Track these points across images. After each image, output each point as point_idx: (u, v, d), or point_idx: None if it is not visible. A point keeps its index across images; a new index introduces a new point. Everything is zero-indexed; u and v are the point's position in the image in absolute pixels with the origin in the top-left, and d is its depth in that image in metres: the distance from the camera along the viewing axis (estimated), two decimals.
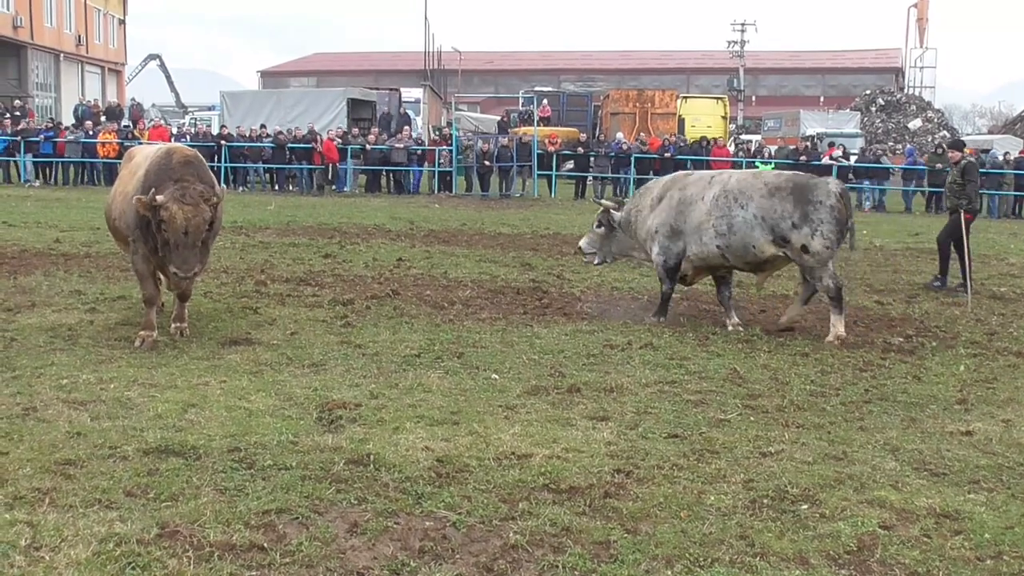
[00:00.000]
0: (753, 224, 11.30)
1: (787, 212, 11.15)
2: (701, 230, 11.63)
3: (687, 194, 11.84)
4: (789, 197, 11.18)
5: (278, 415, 7.67)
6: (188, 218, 9.50)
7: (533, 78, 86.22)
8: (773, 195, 11.26)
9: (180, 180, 9.69)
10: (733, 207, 11.41)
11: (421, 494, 6.13)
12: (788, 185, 11.32)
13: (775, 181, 11.46)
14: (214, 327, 10.94)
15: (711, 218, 11.54)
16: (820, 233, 11.08)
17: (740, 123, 71.33)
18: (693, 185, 11.96)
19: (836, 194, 11.23)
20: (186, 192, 9.55)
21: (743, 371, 9.56)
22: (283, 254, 17.05)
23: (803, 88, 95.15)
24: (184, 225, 9.49)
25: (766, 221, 11.25)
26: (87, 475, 6.27)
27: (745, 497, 6.26)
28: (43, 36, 59.50)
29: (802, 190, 11.21)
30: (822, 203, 11.11)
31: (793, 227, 11.13)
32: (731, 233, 11.42)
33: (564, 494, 6.22)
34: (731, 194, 11.48)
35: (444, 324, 11.45)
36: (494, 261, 16.98)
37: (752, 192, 11.38)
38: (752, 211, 11.30)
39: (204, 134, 37.31)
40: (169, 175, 9.74)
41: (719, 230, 11.48)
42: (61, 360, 9.20)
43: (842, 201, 11.26)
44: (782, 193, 11.24)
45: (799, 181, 11.43)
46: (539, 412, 8.01)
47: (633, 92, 47.10)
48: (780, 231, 11.20)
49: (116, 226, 10.82)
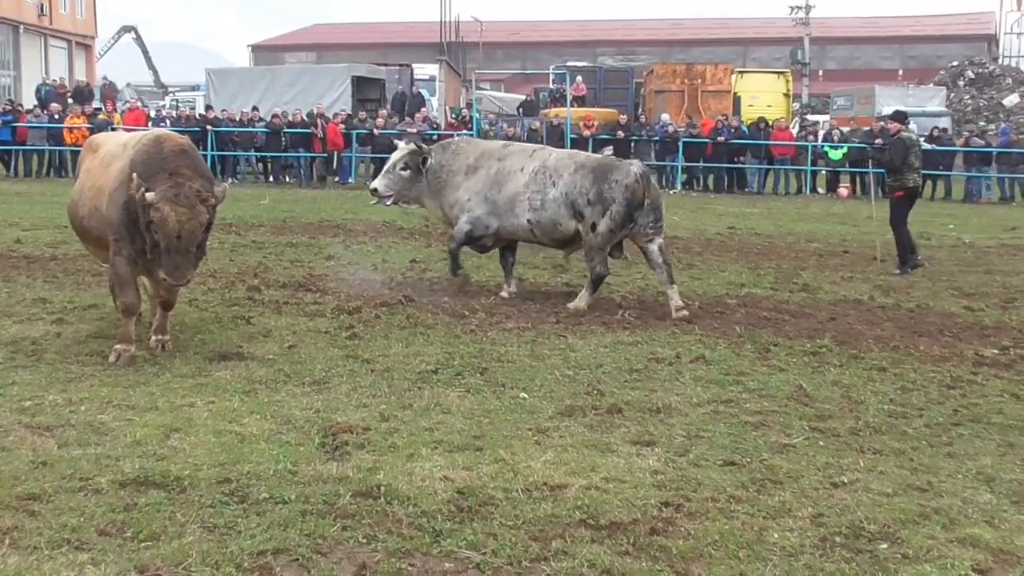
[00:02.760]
0: (560, 202, 13.09)
1: (585, 189, 12.91)
2: (515, 202, 13.39)
3: (506, 165, 13.59)
4: (589, 175, 12.97)
5: (274, 441, 7.70)
6: (182, 221, 9.49)
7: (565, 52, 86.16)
8: (577, 172, 13.08)
9: (175, 174, 9.69)
10: (547, 184, 13.21)
11: (439, 531, 6.14)
12: (592, 164, 13.28)
13: (584, 160, 13.48)
14: (200, 340, 10.99)
15: (528, 191, 13.31)
16: (609, 213, 12.80)
17: (805, 101, 71.10)
18: (513, 157, 13.74)
19: (635, 175, 12.87)
20: (181, 191, 9.54)
21: (810, 388, 9.54)
22: (279, 255, 17.11)
23: (879, 60, 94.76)
24: (177, 228, 9.48)
25: (568, 197, 13.03)
26: (54, 511, 6.29)
27: (814, 534, 6.24)
28: (0, 5, 59.80)
29: (603, 169, 13.04)
30: (618, 182, 12.79)
31: (588, 203, 12.89)
32: (542, 209, 13.20)
33: (604, 531, 6.22)
34: (548, 170, 13.28)
35: (464, 335, 11.48)
36: (521, 262, 16.94)
37: (563, 170, 13.18)
38: (560, 189, 13.11)
39: (187, 118, 37.40)
40: (161, 166, 9.73)
41: (533, 204, 13.26)
42: (24, 379, 9.25)
43: (640, 183, 12.86)
44: (584, 171, 13.06)
45: (603, 161, 13.58)
46: (574, 436, 8.01)
47: (681, 67, 47.02)
48: (578, 207, 12.97)
49: (85, 225, 10.76)
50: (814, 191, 34.41)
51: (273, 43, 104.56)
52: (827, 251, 19.42)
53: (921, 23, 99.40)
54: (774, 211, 27.67)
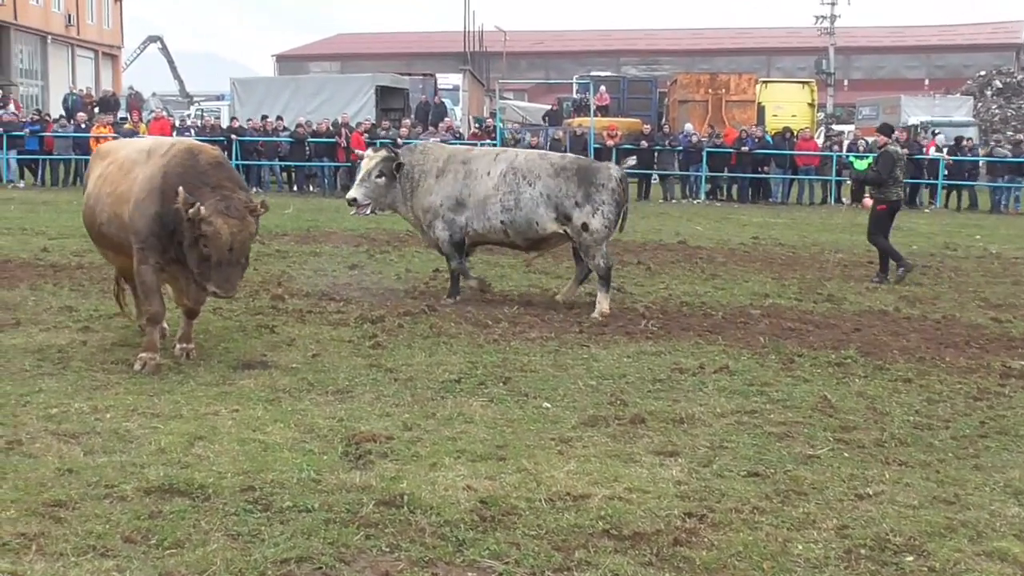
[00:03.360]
0: (539, 201, 13.52)
1: (571, 191, 13.41)
2: (487, 204, 13.76)
3: (472, 168, 13.91)
4: (574, 177, 13.47)
5: (298, 449, 7.72)
6: (234, 233, 9.62)
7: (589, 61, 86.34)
8: (559, 175, 13.52)
9: (218, 187, 9.82)
10: (521, 184, 13.60)
11: (462, 540, 6.15)
12: (573, 166, 13.70)
13: (561, 162, 13.87)
14: (224, 348, 11.03)
15: (498, 193, 13.68)
16: (601, 213, 13.39)
17: (830, 111, 70.95)
18: (477, 160, 14.10)
19: (617, 178, 13.59)
20: (231, 204, 9.67)
21: (835, 399, 9.51)
22: (303, 264, 17.15)
23: (904, 70, 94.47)
24: (230, 241, 9.60)
25: (551, 199, 13.48)
26: (80, 518, 6.33)
27: (839, 546, 6.23)
28: (28, 16, 60.12)
29: (586, 172, 13.60)
30: (604, 185, 13.44)
31: (576, 206, 13.39)
32: (517, 209, 13.59)
33: (627, 541, 6.22)
34: (519, 171, 13.67)
35: (488, 345, 11.49)
36: (544, 272, 17.01)
37: (540, 171, 13.60)
38: (539, 189, 13.52)
39: (212, 127, 37.54)
40: (202, 179, 9.84)
41: (506, 205, 13.63)
42: (50, 386, 9.30)
43: (621, 185, 13.63)
44: (567, 173, 13.52)
45: (583, 163, 14.04)
46: (598, 446, 8.01)
47: (705, 76, 46.97)
48: (564, 209, 13.43)
49: (103, 232, 10.77)
50: (839, 201, 34.29)
51: (297, 53, 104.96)
52: (852, 261, 19.35)
53: (948, 32, 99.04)
54: (798, 221, 27.61)
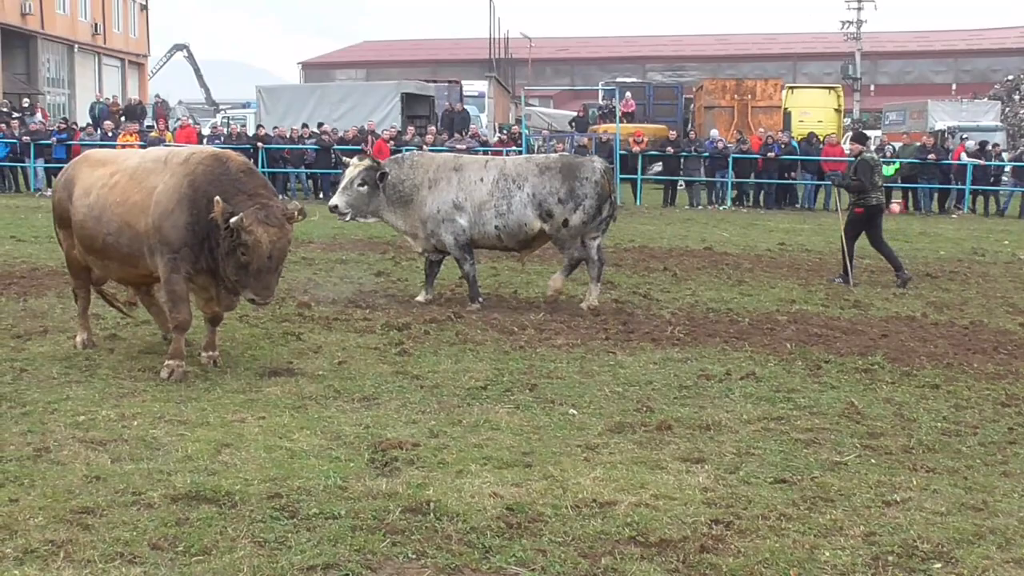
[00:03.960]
0: (527, 203, 13.94)
1: (555, 188, 13.87)
2: (483, 210, 14.07)
3: (466, 175, 14.21)
4: (558, 175, 13.93)
5: (324, 456, 7.74)
6: (274, 242, 9.71)
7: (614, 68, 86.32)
8: (543, 173, 13.99)
9: (255, 195, 9.89)
10: (511, 189, 14.00)
11: (489, 547, 6.16)
12: (557, 164, 14.20)
13: (546, 161, 14.37)
14: (251, 356, 11.07)
15: (492, 199, 14.03)
16: (582, 208, 13.87)
17: (857, 116, 70.80)
18: (469, 168, 14.38)
19: (600, 171, 14.12)
20: (270, 212, 9.74)
21: (862, 405, 9.49)
22: (329, 272, 17.18)
23: (931, 74, 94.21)
24: (269, 249, 9.69)
25: (536, 198, 13.92)
26: (107, 525, 6.36)
27: (866, 553, 6.21)
28: (55, 25, 60.48)
29: (570, 168, 14.07)
30: (588, 179, 13.93)
31: (559, 202, 13.85)
32: (509, 212, 13.98)
33: (653, 548, 6.21)
34: (509, 177, 14.07)
35: (514, 351, 11.50)
36: (570, 279, 16.98)
37: (527, 173, 14.03)
38: (527, 191, 13.95)
39: (238, 135, 37.63)
40: (237, 187, 9.92)
41: (499, 210, 14.00)
42: (77, 394, 9.35)
43: (605, 178, 14.15)
44: (552, 171, 13.99)
45: (567, 160, 14.58)
46: (624, 453, 8.01)
47: (731, 82, 46.96)
48: (547, 206, 13.88)
49: (110, 243, 10.52)
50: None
51: (323, 60, 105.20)
52: (879, 267, 19.27)
53: (975, 37, 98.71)
54: (825, 227, 27.47)
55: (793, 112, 45.94)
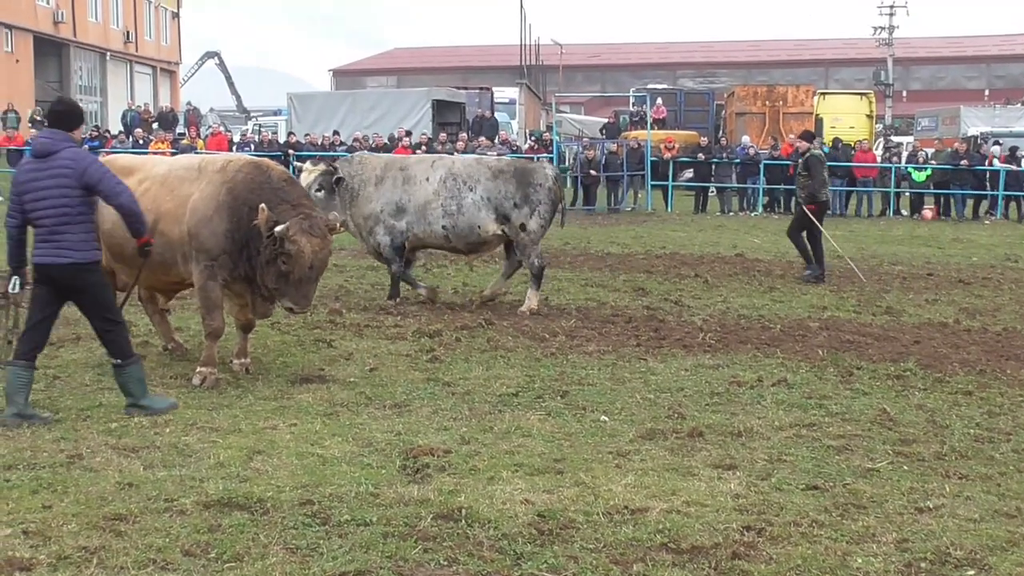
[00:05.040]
0: (480, 205, 14.14)
1: (510, 193, 14.09)
2: (427, 210, 14.30)
3: (411, 174, 14.39)
4: (512, 180, 14.15)
5: (356, 463, 7.76)
6: (316, 251, 9.79)
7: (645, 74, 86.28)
8: (497, 177, 14.18)
9: (298, 205, 9.98)
10: (461, 190, 14.18)
11: (520, 554, 6.16)
12: (510, 169, 14.44)
13: (498, 165, 14.60)
14: (282, 363, 11.10)
15: (439, 198, 14.23)
16: (537, 213, 14.14)
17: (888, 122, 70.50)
18: (415, 167, 14.63)
19: (552, 177, 14.46)
20: (314, 223, 9.83)
21: (894, 412, 9.45)
22: (360, 279, 17.23)
23: (964, 80, 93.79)
24: (312, 259, 9.77)
25: (491, 202, 14.12)
26: (140, 532, 6.39)
27: (899, 560, 6.19)
28: (87, 33, 60.94)
29: (523, 173, 14.31)
30: (541, 185, 14.19)
31: (515, 207, 14.08)
32: (459, 214, 14.16)
33: (685, 555, 6.21)
34: (459, 177, 14.27)
35: (545, 358, 11.50)
36: (602, 285, 16.99)
37: (479, 176, 14.21)
38: (480, 193, 14.15)
39: (269, 142, 37.75)
40: (279, 196, 9.98)
41: (448, 210, 14.19)
42: (110, 401, 9.39)
43: (556, 184, 14.49)
44: (505, 176, 14.20)
45: (519, 165, 14.93)
46: (655, 460, 8.00)
47: (762, 89, 46.88)
48: (503, 210, 14.09)
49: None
50: (897, 213, 34.04)
51: (354, 67, 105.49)
52: (911, 274, 19.22)
53: (1008, 42, 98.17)
54: (857, 233, 27.42)
55: (825, 118, 45.81)
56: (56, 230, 8.65)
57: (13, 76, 52.67)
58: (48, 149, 8.73)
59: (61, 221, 8.66)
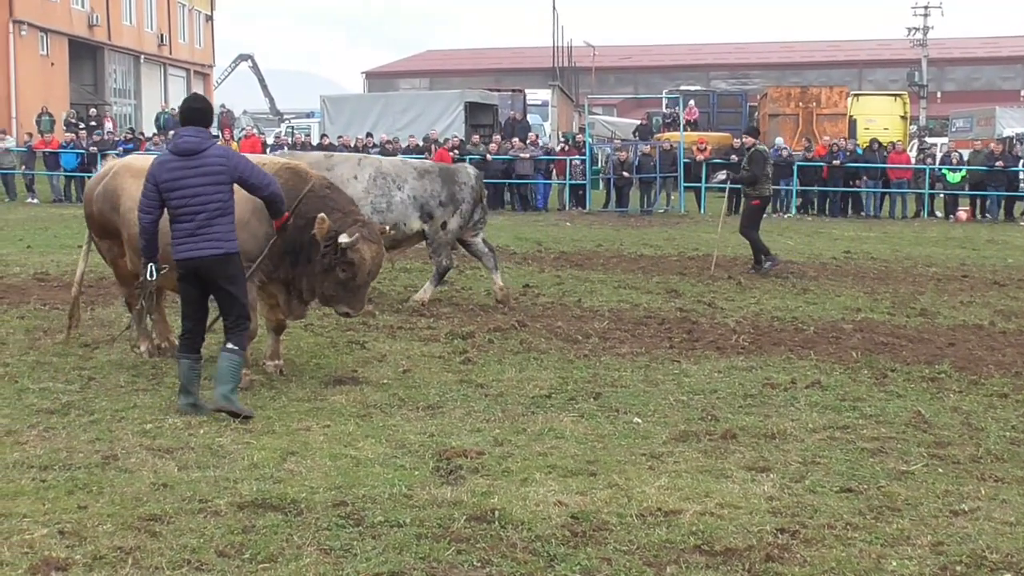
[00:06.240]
0: (408, 203, 14.63)
1: (436, 192, 14.68)
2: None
3: (337, 173, 14.29)
4: (438, 179, 14.79)
5: (389, 464, 7.78)
6: (375, 258, 9.97)
7: (678, 76, 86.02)
8: (423, 177, 14.79)
9: (348, 212, 10.09)
10: (390, 188, 14.64)
11: (554, 555, 6.17)
12: (435, 169, 15.22)
13: (423, 166, 15.53)
14: (316, 364, 11.14)
15: (369, 195, 14.45)
16: (460, 212, 14.77)
17: (923, 124, 70.17)
18: (341, 166, 14.82)
19: (475, 176, 15.14)
20: (371, 230, 10.01)
21: (929, 415, 9.41)
22: (393, 281, 17.26)
23: (999, 81, 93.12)
24: (371, 267, 9.95)
25: (417, 200, 14.63)
26: (174, 532, 6.42)
27: (934, 563, 6.16)
28: (122, 36, 61.26)
29: (449, 173, 15.07)
30: (465, 184, 14.85)
31: (440, 205, 14.68)
32: (388, 211, 14.46)
33: (719, 557, 6.20)
34: (388, 175, 14.71)
35: (578, 360, 11.50)
36: (635, 287, 16.98)
37: (406, 175, 14.72)
38: (407, 192, 14.65)
39: (302, 144, 37.86)
40: (326, 204, 10.03)
41: (377, 207, 14.38)
42: (144, 402, 9.45)
43: (478, 183, 15.11)
44: (431, 176, 14.85)
45: (444, 167, 15.77)
46: (689, 462, 8.00)
47: (795, 90, 46.66)
48: (428, 208, 14.63)
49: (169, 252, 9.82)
50: (932, 215, 33.88)
51: (387, 70, 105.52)
52: (946, 275, 19.13)
53: None
54: (891, 235, 27.32)
55: (858, 120, 45.56)
56: (210, 224, 8.99)
57: (48, 79, 53.03)
58: (196, 147, 9.03)
59: (215, 215, 9.01)
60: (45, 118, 42.23)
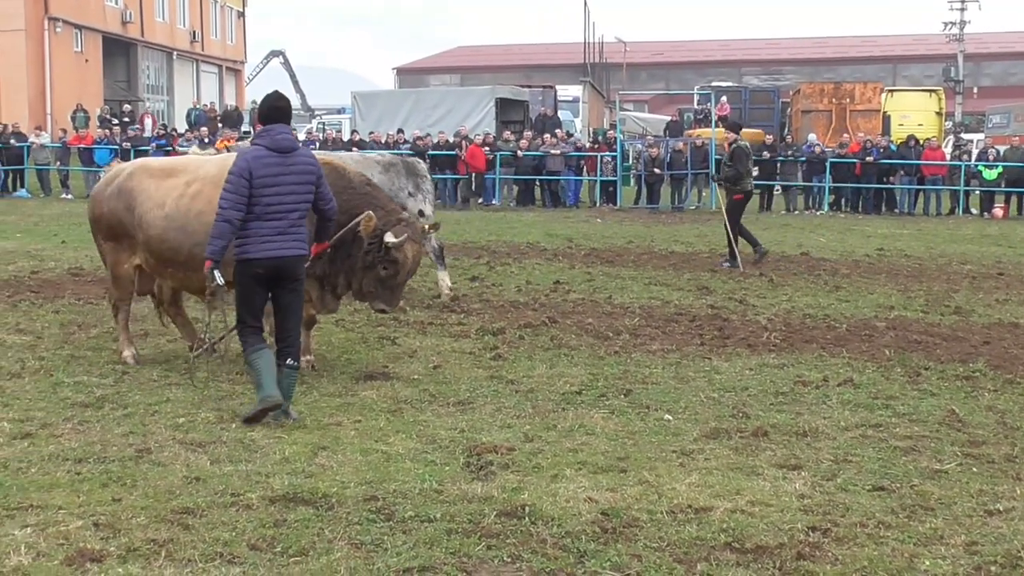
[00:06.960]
0: None
1: (403, 184, 15.12)
2: None
3: None
4: (403, 171, 15.27)
5: (420, 460, 7.81)
6: (416, 257, 10.09)
7: (710, 72, 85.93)
8: (389, 170, 15.08)
9: (390, 211, 10.14)
10: None
11: (584, 552, 6.18)
12: (397, 162, 15.66)
13: (384, 159, 15.86)
14: (347, 360, 11.18)
15: None
16: (428, 200, 15.44)
17: (958, 119, 69.78)
18: None
19: (425, 167, 16.11)
20: (415, 229, 10.11)
21: (963, 413, 9.37)
22: (424, 276, 17.25)
23: None
24: (412, 266, 10.08)
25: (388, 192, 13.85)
26: (207, 525, 6.47)
27: (967, 563, 6.14)
28: (154, 32, 61.58)
29: (408, 166, 15.57)
30: (424, 176, 15.63)
31: (410, 196, 15.09)
32: None
33: (750, 554, 6.20)
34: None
35: (608, 357, 11.51)
36: (666, 284, 16.97)
37: (371, 170, 14.38)
38: None
39: (333, 140, 37.92)
40: (367, 201, 10.09)
41: None
42: (177, 396, 9.53)
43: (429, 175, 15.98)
44: (396, 168, 15.26)
45: (404, 159, 16.23)
46: (720, 459, 7.99)
47: (828, 86, 46.55)
48: (400, 200, 14.12)
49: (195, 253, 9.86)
50: (967, 211, 33.66)
51: (417, 66, 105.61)
52: (981, 273, 19.03)
53: None
54: (925, 232, 27.19)
55: (893, 116, 45.35)
56: (298, 223, 8.95)
57: (83, 76, 53.36)
58: (291, 145, 9.00)
59: (303, 215, 9.00)
60: (79, 114, 42.42)
